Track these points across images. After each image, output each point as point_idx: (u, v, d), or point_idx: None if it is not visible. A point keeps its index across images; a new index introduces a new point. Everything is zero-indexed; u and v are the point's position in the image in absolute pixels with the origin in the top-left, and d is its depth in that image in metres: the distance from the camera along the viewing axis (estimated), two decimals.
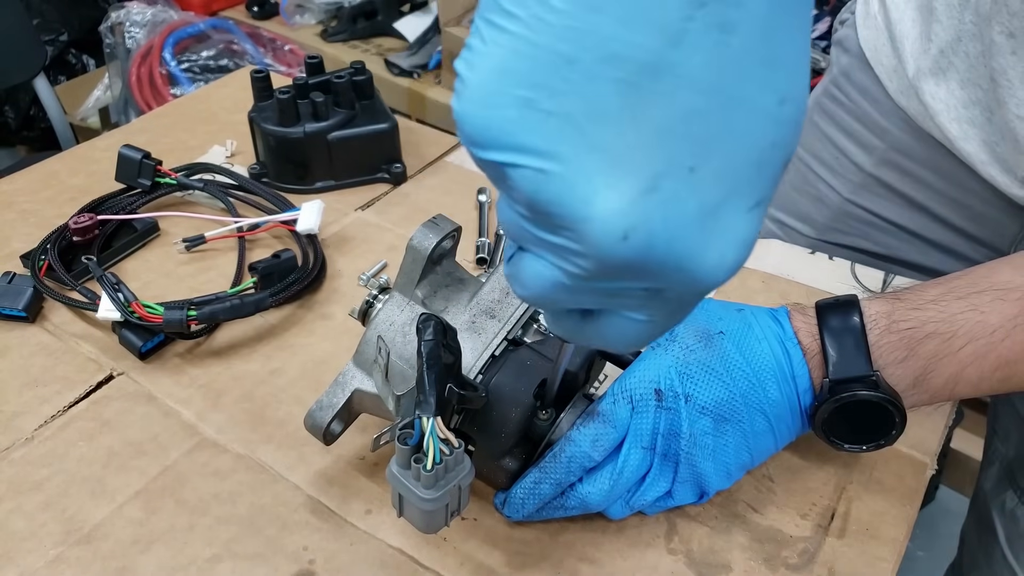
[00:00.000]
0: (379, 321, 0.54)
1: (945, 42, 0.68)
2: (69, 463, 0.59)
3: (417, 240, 0.53)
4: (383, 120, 0.85)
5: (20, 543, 0.54)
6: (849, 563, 0.54)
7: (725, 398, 0.51)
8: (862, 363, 0.51)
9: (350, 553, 0.54)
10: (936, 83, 0.70)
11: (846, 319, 0.52)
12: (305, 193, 0.85)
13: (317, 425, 0.54)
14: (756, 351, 0.52)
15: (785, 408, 0.52)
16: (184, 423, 0.62)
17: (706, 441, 0.51)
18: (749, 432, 0.52)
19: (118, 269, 0.76)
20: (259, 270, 0.71)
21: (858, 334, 0.51)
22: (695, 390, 0.51)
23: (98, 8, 2.21)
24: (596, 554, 0.54)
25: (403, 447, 0.44)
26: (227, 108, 0.99)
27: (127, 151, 0.80)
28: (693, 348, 0.52)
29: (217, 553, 0.54)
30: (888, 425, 0.52)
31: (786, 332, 0.53)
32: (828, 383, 0.51)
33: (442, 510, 0.45)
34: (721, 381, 0.51)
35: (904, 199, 0.79)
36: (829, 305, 0.53)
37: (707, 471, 0.52)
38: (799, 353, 0.52)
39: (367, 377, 0.54)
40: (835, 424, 0.52)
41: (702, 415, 0.51)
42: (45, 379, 0.65)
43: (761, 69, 0.26)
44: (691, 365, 0.52)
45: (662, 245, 0.26)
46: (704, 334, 0.53)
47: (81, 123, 2.01)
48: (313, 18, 2.17)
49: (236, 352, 0.68)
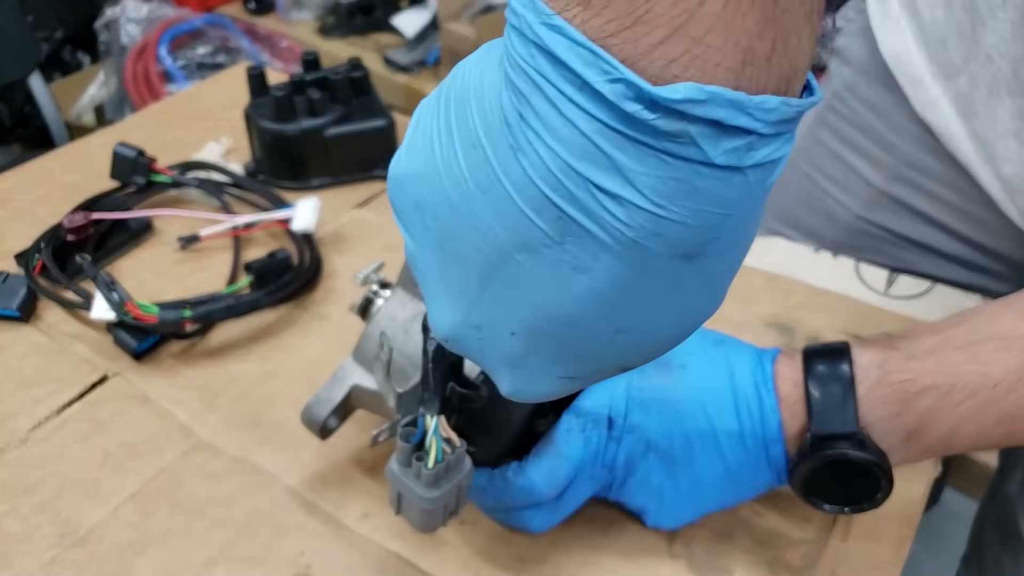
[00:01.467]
0: (381, 317, 0.53)
1: (990, 44, 0.63)
2: (63, 465, 0.58)
3: None
4: (380, 117, 0.85)
5: (14, 546, 0.53)
6: (852, 566, 0.53)
7: (675, 434, 0.48)
8: (848, 418, 0.47)
9: (347, 557, 0.53)
10: (988, 90, 0.65)
11: (834, 368, 0.47)
12: (301, 190, 0.84)
13: (314, 419, 0.53)
14: (716, 389, 0.48)
15: (747, 458, 0.49)
16: (179, 424, 0.61)
17: (651, 479, 0.49)
18: (703, 479, 0.49)
19: (113, 268, 0.75)
20: (255, 269, 0.70)
21: (846, 385, 0.47)
22: (642, 420, 0.48)
23: (93, 5, 2.20)
24: (596, 558, 0.53)
25: (405, 445, 0.44)
26: (223, 105, 0.98)
27: (121, 149, 0.79)
28: (648, 374, 0.49)
29: (213, 556, 0.53)
30: (873, 488, 0.48)
31: (764, 374, 0.49)
32: (810, 438, 0.47)
33: (440, 510, 0.45)
34: (673, 415, 0.48)
35: (918, 215, 0.76)
36: (817, 352, 0.49)
37: (650, 511, 0.51)
38: (772, 399, 0.48)
39: (366, 373, 0.53)
40: (816, 482, 0.48)
41: (648, 451, 0.48)
42: (39, 380, 0.64)
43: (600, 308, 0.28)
44: (644, 391, 0.48)
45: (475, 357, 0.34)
46: (662, 364, 0.49)
47: (76, 121, 2.00)
48: (310, 14, 2.16)
49: (231, 352, 0.67)
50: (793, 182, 0.86)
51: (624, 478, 0.50)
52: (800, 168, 0.85)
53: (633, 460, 0.49)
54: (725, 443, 0.48)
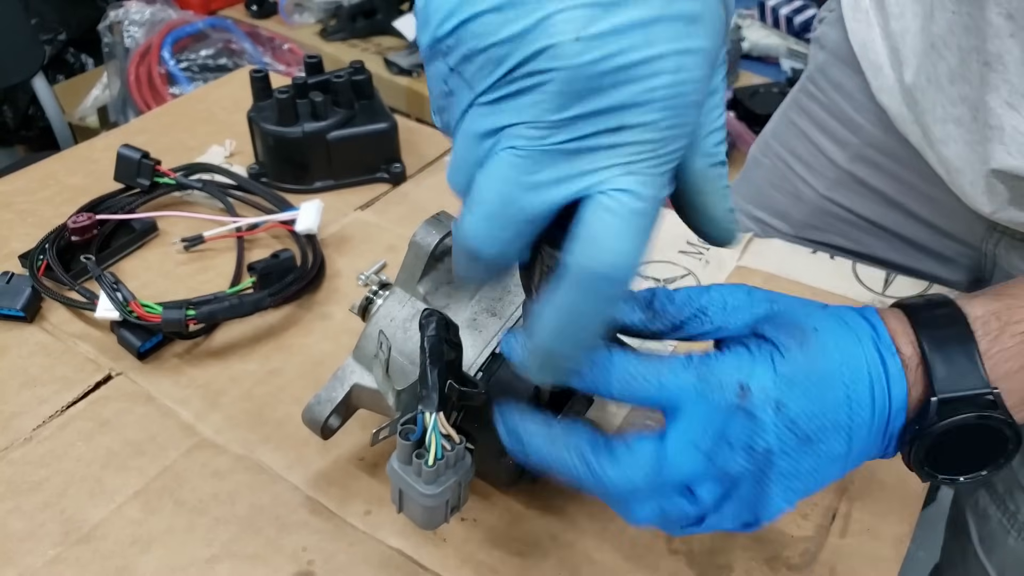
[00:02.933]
0: (380, 316, 0.53)
1: (936, 35, 0.66)
2: (68, 463, 0.59)
3: (420, 236, 0.53)
4: (382, 120, 0.85)
5: (19, 543, 0.54)
6: (851, 563, 0.54)
7: (818, 412, 0.41)
8: (977, 377, 0.41)
9: (349, 554, 0.54)
10: (928, 79, 0.69)
11: (950, 321, 0.42)
12: (304, 193, 0.85)
13: (315, 419, 0.54)
14: (855, 357, 0.41)
15: (873, 431, 0.42)
16: (183, 423, 0.62)
17: (784, 464, 0.41)
18: (825, 456, 0.41)
19: (117, 269, 0.75)
20: (258, 270, 0.70)
21: (968, 340, 0.41)
22: (791, 399, 0.40)
23: (96, 7, 2.21)
24: (597, 554, 0.54)
25: (405, 442, 0.44)
26: (226, 108, 0.99)
27: (126, 151, 0.79)
28: (789, 347, 0.41)
29: (216, 553, 0.53)
30: (997, 451, 0.42)
31: (881, 336, 0.42)
32: (936, 403, 0.41)
33: (442, 506, 0.45)
34: (819, 391, 0.40)
35: (878, 195, 0.80)
36: (921, 306, 0.43)
37: (774, 499, 0.42)
38: (897, 363, 0.41)
39: (366, 372, 0.54)
40: (934, 452, 0.42)
41: (790, 431, 0.40)
42: (43, 379, 0.65)
43: None
44: (791, 366, 0.40)
45: (615, 44, 0.31)
46: (797, 330, 0.41)
47: (80, 122, 2.01)
48: (312, 17, 2.17)
49: (235, 352, 0.68)
50: (766, 164, 0.89)
51: (757, 463, 0.41)
52: (773, 150, 0.88)
53: (779, 443, 0.40)
54: (855, 418, 0.41)
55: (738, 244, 0.46)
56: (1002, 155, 0.62)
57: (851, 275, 0.75)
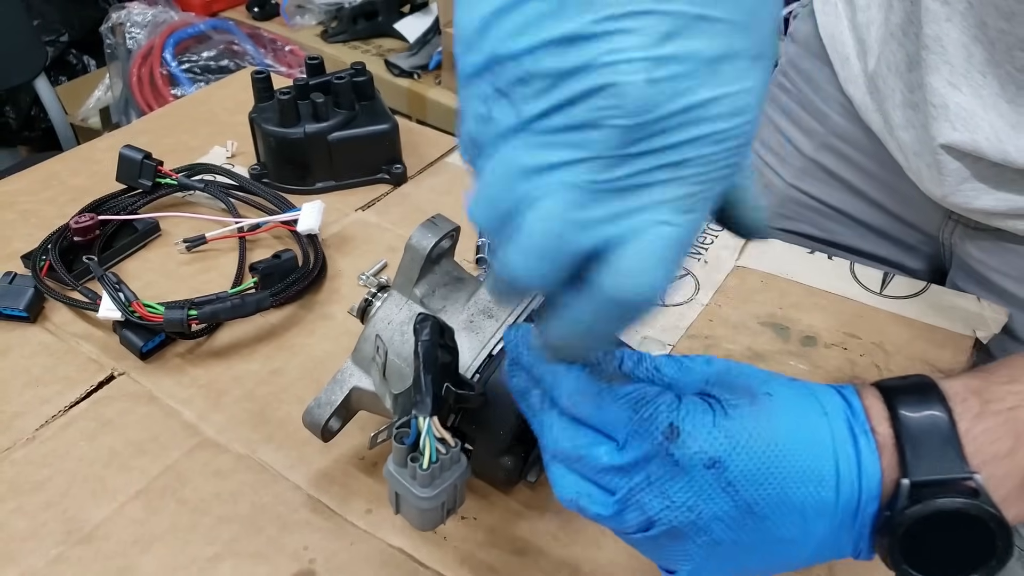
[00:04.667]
0: (377, 319, 0.54)
1: (895, 24, 0.69)
2: (70, 463, 0.59)
3: (416, 239, 0.54)
4: (383, 121, 0.86)
5: (21, 543, 0.54)
6: (850, 563, 0.54)
7: (764, 482, 0.36)
8: (953, 459, 0.36)
9: (350, 552, 0.54)
10: (887, 67, 0.71)
11: (924, 399, 0.38)
12: (305, 194, 0.85)
13: (315, 422, 0.54)
14: (817, 429, 0.37)
15: (839, 518, 0.37)
16: (185, 423, 0.62)
17: (719, 532, 0.37)
18: (772, 537, 0.37)
19: (119, 269, 0.76)
20: (260, 270, 0.71)
21: (945, 421, 0.37)
22: (732, 460, 0.36)
23: (99, 9, 2.21)
24: (596, 553, 0.54)
25: (400, 446, 0.44)
26: (228, 109, 0.99)
27: (128, 152, 0.80)
28: (736, 405, 0.37)
29: (218, 552, 0.54)
30: (985, 550, 0.37)
31: (855, 413, 0.38)
32: (907, 486, 0.36)
33: (438, 508, 0.46)
34: (766, 458, 0.36)
35: (842, 183, 0.83)
36: (898, 383, 0.39)
37: (705, 569, 0.38)
38: (871, 443, 0.37)
39: (365, 375, 0.54)
40: (910, 547, 0.37)
41: (727, 496, 0.36)
42: (46, 379, 0.65)
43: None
44: (735, 423, 0.37)
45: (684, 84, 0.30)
46: (747, 390, 0.38)
47: (82, 123, 2.01)
48: (313, 19, 2.17)
49: (237, 352, 0.68)
50: None
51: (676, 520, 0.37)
52: None
53: (705, 507, 0.37)
54: (811, 496, 0.36)
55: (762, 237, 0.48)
56: (948, 131, 0.66)
57: (848, 275, 0.76)
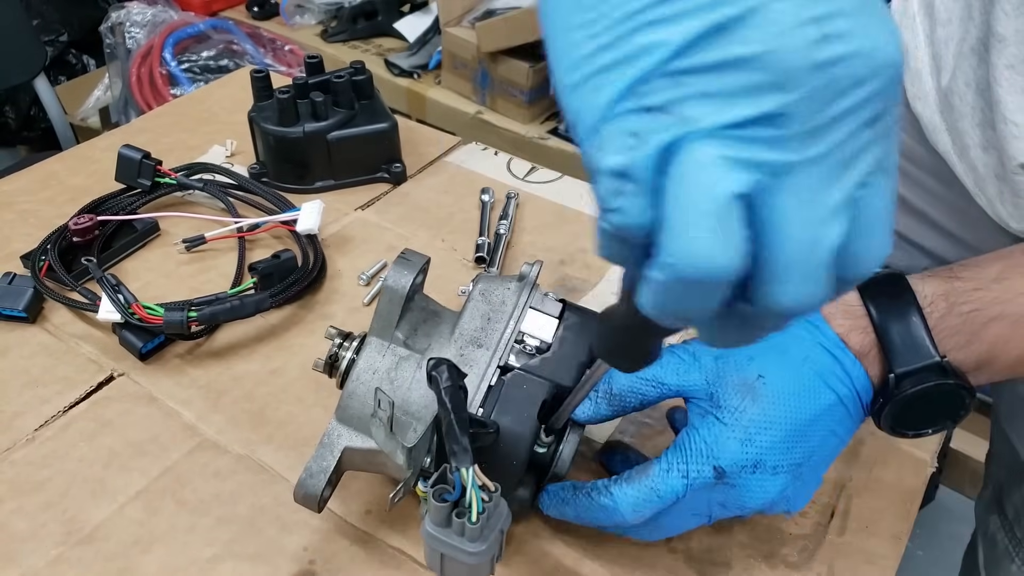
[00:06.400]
0: (361, 371, 0.51)
1: (976, 39, 0.65)
2: (70, 464, 0.59)
3: (393, 280, 0.51)
4: (383, 120, 0.85)
5: (21, 543, 0.54)
6: (849, 561, 0.54)
7: (792, 448, 0.47)
8: (927, 350, 0.47)
9: (350, 553, 0.54)
10: (965, 83, 0.68)
11: (901, 306, 0.48)
12: (305, 193, 0.85)
13: (311, 494, 0.50)
14: (808, 385, 0.47)
15: (853, 421, 0.49)
16: (184, 424, 0.62)
17: (769, 490, 0.48)
18: (820, 459, 0.49)
19: (118, 269, 0.76)
20: (259, 270, 0.71)
21: (919, 319, 0.47)
22: (764, 455, 0.47)
23: (98, 8, 2.21)
24: (596, 551, 0.54)
25: (441, 504, 0.41)
26: (227, 108, 0.99)
27: (127, 151, 0.80)
28: (743, 409, 0.47)
29: (218, 553, 0.54)
30: (956, 406, 0.48)
31: (828, 337, 0.48)
32: (894, 379, 0.47)
33: (490, 561, 0.43)
34: (787, 434, 0.47)
35: (905, 204, 0.79)
36: (877, 290, 0.48)
37: (778, 506, 0.49)
38: (850, 358, 0.48)
39: (355, 433, 0.51)
40: (901, 416, 0.49)
41: (775, 476, 0.47)
42: (45, 380, 0.65)
43: None
44: (750, 430, 0.47)
45: (854, 38, 0.24)
46: (744, 387, 0.48)
47: (81, 123, 2.01)
48: (313, 18, 2.17)
49: (236, 353, 0.68)
50: None
51: (748, 509, 0.48)
52: None
53: (763, 494, 0.47)
54: (835, 421, 0.48)
55: None
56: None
57: None
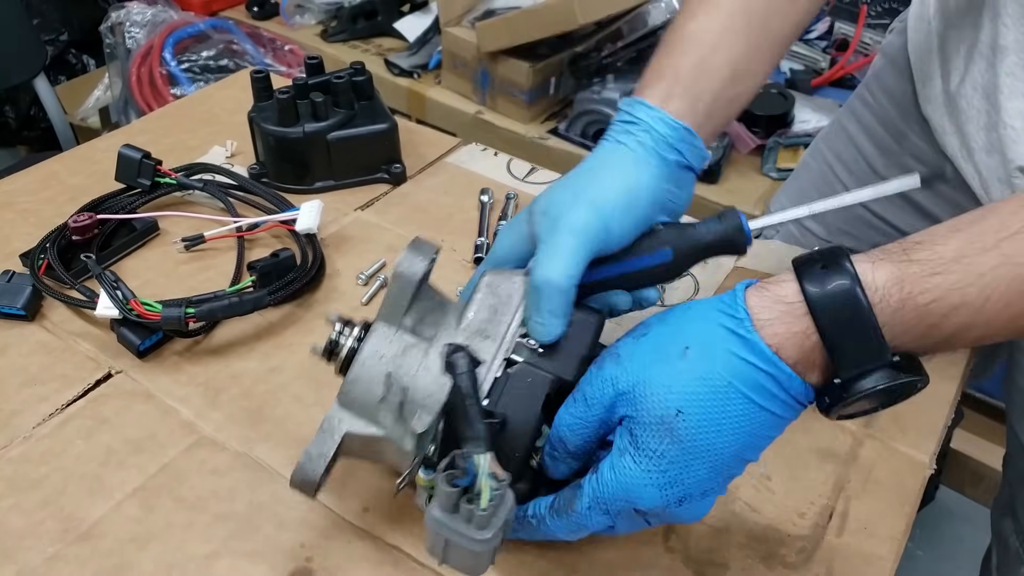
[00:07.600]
0: (367, 356, 0.50)
1: (985, 44, 0.66)
2: (67, 461, 0.59)
3: (405, 266, 0.50)
4: (383, 120, 0.85)
5: (18, 541, 0.54)
6: (847, 562, 0.54)
7: (724, 471, 0.46)
8: (878, 351, 0.42)
9: (347, 550, 0.54)
10: (973, 87, 0.68)
11: (847, 302, 0.42)
12: (304, 193, 0.85)
13: (309, 480, 0.49)
14: (735, 411, 0.44)
15: (789, 420, 0.46)
16: (182, 421, 0.62)
17: (707, 510, 0.48)
18: (754, 458, 0.47)
19: (117, 268, 0.76)
20: (258, 269, 0.71)
21: (868, 318, 0.41)
22: (690, 490, 0.45)
23: (98, 8, 2.21)
24: (594, 551, 0.54)
25: (451, 489, 0.41)
26: (227, 109, 0.99)
27: (127, 151, 0.80)
28: (662, 453, 0.45)
29: (215, 550, 0.54)
30: (907, 394, 0.45)
31: (758, 353, 0.43)
32: (840, 384, 0.43)
33: (493, 549, 0.43)
34: (712, 467, 0.45)
35: (914, 206, 0.79)
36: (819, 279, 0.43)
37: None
38: (785, 373, 0.43)
39: (357, 418, 0.50)
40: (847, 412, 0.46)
41: (704, 498, 0.46)
42: (44, 377, 0.65)
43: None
44: (670, 473, 0.45)
45: None
46: (663, 426, 0.44)
47: (81, 123, 2.01)
48: (313, 18, 2.17)
49: (234, 350, 0.68)
50: (814, 167, 0.90)
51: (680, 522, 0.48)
52: (821, 154, 0.89)
53: (692, 514, 0.47)
54: (769, 429, 0.45)
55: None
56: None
57: None
